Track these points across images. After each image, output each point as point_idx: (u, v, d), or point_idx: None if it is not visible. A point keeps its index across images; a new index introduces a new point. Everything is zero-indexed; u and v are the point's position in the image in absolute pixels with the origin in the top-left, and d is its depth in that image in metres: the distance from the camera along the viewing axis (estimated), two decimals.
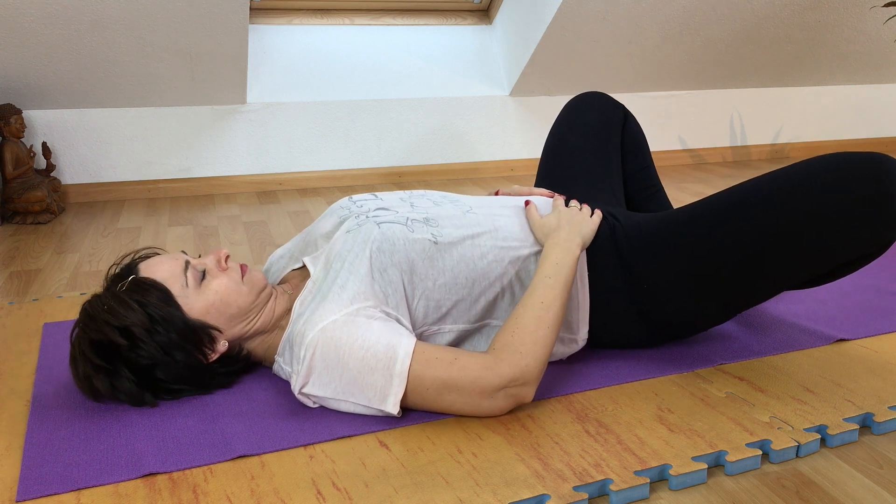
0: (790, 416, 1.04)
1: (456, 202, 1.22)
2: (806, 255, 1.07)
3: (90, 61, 2.29)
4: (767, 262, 1.08)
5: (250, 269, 1.13)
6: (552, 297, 1.07)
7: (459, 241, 1.11)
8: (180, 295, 1.05)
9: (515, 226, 1.17)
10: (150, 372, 1.04)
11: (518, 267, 1.15)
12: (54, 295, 1.62)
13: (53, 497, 0.88)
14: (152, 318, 1.02)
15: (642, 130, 1.53)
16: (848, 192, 1.03)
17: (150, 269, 1.07)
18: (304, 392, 1.02)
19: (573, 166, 1.43)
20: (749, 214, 1.07)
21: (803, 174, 1.06)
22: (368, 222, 1.11)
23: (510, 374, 0.99)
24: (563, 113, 1.52)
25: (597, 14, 2.63)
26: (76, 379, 1.06)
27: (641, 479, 0.89)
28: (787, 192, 1.06)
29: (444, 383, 0.99)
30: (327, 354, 0.99)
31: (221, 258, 1.11)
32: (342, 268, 1.06)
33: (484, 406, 1.01)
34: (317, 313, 1.02)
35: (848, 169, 1.04)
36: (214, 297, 1.07)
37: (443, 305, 1.10)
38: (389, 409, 0.99)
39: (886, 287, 1.55)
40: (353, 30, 2.81)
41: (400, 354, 0.98)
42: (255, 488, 0.89)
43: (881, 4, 2.98)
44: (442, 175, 2.91)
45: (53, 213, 2.31)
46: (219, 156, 2.65)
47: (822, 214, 1.04)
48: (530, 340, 1.02)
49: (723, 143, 3.33)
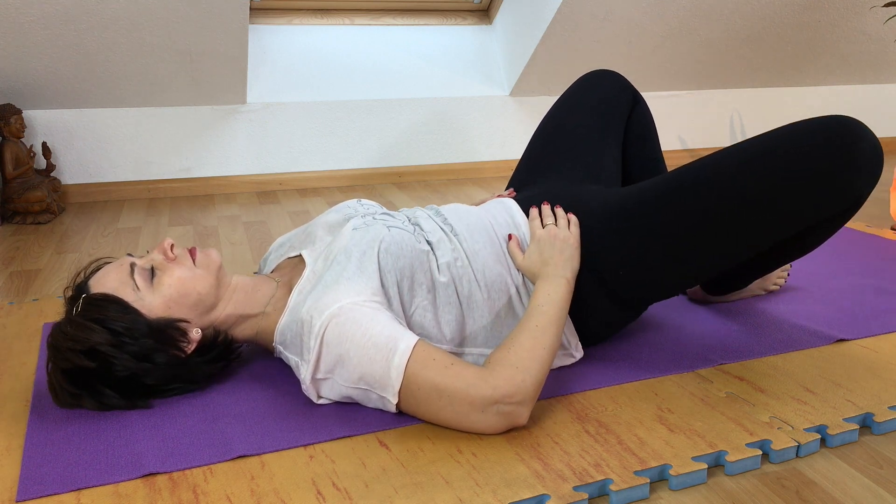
0: (790, 416, 1.04)
1: (444, 222, 1.19)
2: (774, 217, 1.06)
3: (90, 61, 2.29)
4: (735, 227, 1.08)
5: (201, 250, 1.11)
6: (546, 322, 1.05)
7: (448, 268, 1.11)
8: (135, 300, 1.04)
9: (490, 256, 1.16)
10: (133, 381, 1.03)
11: (497, 295, 1.14)
12: (54, 295, 1.62)
13: (53, 497, 0.88)
14: (114, 331, 1.00)
15: (653, 119, 1.51)
16: (813, 150, 1.03)
17: (98, 284, 1.05)
18: (316, 378, 1.02)
19: (560, 143, 1.41)
20: (718, 183, 1.07)
21: (767, 140, 1.07)
22: (377, 223, 1.11)
23: (504, 388, 0.96)
24: (571, 86, 1.50)
25: (597, 14, 2.63)
26: (65, 407, 1.06)
27: (641, 479, 0.89)
28: (752, 157, 1.06)
29: (436, 387, 0.96)
30: (332, 340, 0.98)
31: (167, 248, 1.08)
32: (349, 262, 1.05)
33: (474, 419, 0.97)
34: (322, 300, 1.01)
35: (810, 130, 1.05)
36: (169, 290, 1.05)
37: (438, 318, 1.10)
38: (390, 398, 0.99)
39: (886, 287, 1.55)
40: (353, 30, 2.81)
41: (400, 348, 0.97)
42: (255, 488, 0.89)
43: (881, 4, 2.98)
44: (442, 175, 2.91)
45: (53, 213, 2.31)
46: (219, 156, 2.65)
47: (786, 174, 1.04)
48: (527, 357, 1.00)
49: (723, 143, 3.33)
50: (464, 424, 0.98)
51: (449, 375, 0.97)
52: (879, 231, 2.00)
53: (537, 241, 1.16)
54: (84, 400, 1.04)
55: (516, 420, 0.98)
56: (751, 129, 3.36)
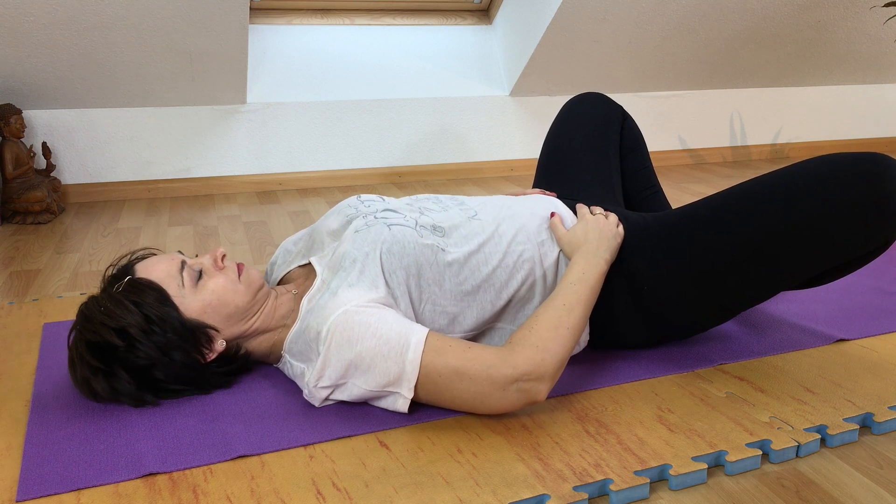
0: (790, 416, 1.04)
1: (462, 205, 1.21)
2: (805, 255, 1.07)
3: (90, 61, 2.29)
4: (766, 264, 1.08)
5: (247, 268, 1.13)
6: (574, 300, 1.06)
7: (466, 254, 1.11)
8: (177, 295, 1.05)
9: (520, 231, 1.17)
10: (148, 372, 1.04)
11: (525, 272, 1.14)
12: (54, 295, 1.62)
13: (53, 497, 0.88)
14: (149, 318, 1.02)
15: (640, 131, 1.54)
16: (847, 192, 1.03)
17: (146, 270, 1.07)
18: (320, 385, 1.02)
19: (571, 166, 1.43)
20: (748, 216, 1.08)
21: (802, 175, 1.07)
22: (378, 223, 1.11)
23: (524, 366, 0.97)
24: (561, 113, 1.52)
25: (597, 14, 2.63)
26: (75, 382, 1.06)
27: (641, 479, 0.89)
28: (786, 194, 1.06)
29: (456, 370, 0.97)
30: (342, 345, 0.98)
31: (218, 257, 1.11)
32: (353, 268, 1.05)
33: (495, 398, 0.98)
34: (327, 307, 1.02)
35: (847, 169, 1.04)
36: (211, 296, 1.07)
37: (449, 311, 1.10)
38: (405, 393, 0.99)
39: (886, 287, 1.55)
40: (353, 30, 2.81)
41: (412, 342, 0.97)
42: (255, 488, 0.89)
43: (881, 4, 2.98)
44: (442, 175, 2.91)
45: (53, 213, 2.31)
46: (219, 156, 2.65)
47: (821, 215, 1.04)
48: (549, 337, 1.00)
49: (723, 143, 3.33)
50: (486, 404, 0.99)
51: (468, 358, 0.98)
52: None
53: (585, 221, 1.18)
54: (98, 380, 1.03)
55: (535, 396, 0.99)
56: (751, 129, 3.36)
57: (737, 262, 1.09)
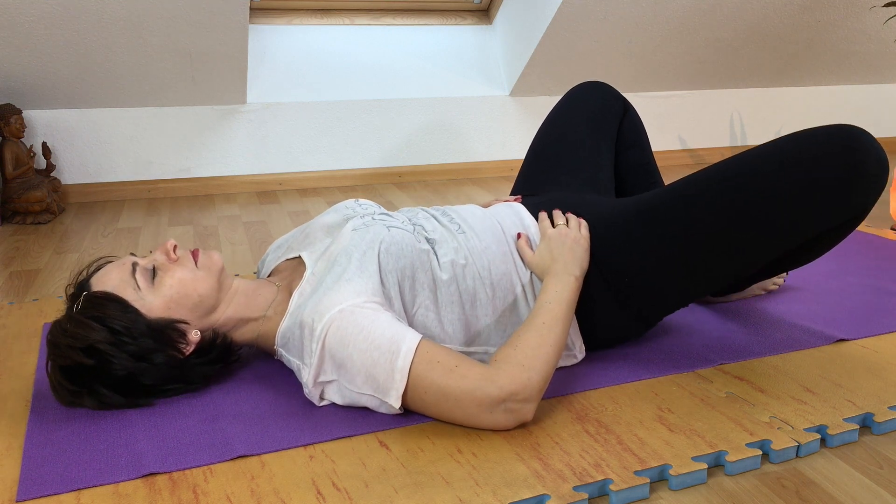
0: (790, 416, 1.04)
1: (451, 220, 1.20)
2: (783, 226, 1.07)
3: (90, 61, 2.29)
4: (744, 238, 1.09)
5: (203, 252, 1.11)
6: (553, 319, 1.05)
7: (455, 266, 1.11)
8: (136, 299, 1.04)
9: (496, 254, 1.16)
10: (132, 381, 1.03)
11: (503, 293, 1.15)
12: (54, 295, 1.62)
13: (53, 497, 0.88)
14: (114, 330, 1.00)
15: (643, 125, 1.53)
16: (820, 162, 1.04)
17: (100, 282, 1.05)
18: (320, 381, 1.02)
19: (559, 153, 1.42)
20: (722, 192, 1.08)
21: (774, 150, 1.08)
22: (376, 224, 1.11)
23: (510, 387, 0.96)
24: (561, 100, 1.52)
25: (597, 14, 2.63)
26: (65, 405, 1.06)
27: (641, 479, 0.89)
28: (759, 168, 1.07)
29: (442, 390, 0.96)
30: (334, 344, 0.98)
31: (170, 249, 1.08)
32: (349, 264, 1.05)
33: (483, 419, 0.98)
34: (323, 303, 1.01)
35: (818, 139, 1.06)
36: (170, 290, 1.05)
37: (441, 318, 1.10)
38: (392, 403, 0.99)
39: (886, 287, 1.55)
40: (353, 30, 2.81)
41: (403, 350, 0.97)
42: (255, 488, 0.89)
43: (881, 4, 2.98)
44: (442, 175, 2.91)
45: (53, 213, 2.31)
46: (219, 156, 2.65)
47: (795, 186, 1.05)
48: (533, 355, 1.00)
49: (723, 143, 3.33)
50: (473, 423, 0.99)
51: (454, 378, 0.96)
52: (879, 231, 2.00)
53: (548, 239, 1.17)
54: (84, 398, 1.03)
55: (523, 417, 0.99)
56: (751, 129, 3.36)
57: (713, 242, 1.09)
